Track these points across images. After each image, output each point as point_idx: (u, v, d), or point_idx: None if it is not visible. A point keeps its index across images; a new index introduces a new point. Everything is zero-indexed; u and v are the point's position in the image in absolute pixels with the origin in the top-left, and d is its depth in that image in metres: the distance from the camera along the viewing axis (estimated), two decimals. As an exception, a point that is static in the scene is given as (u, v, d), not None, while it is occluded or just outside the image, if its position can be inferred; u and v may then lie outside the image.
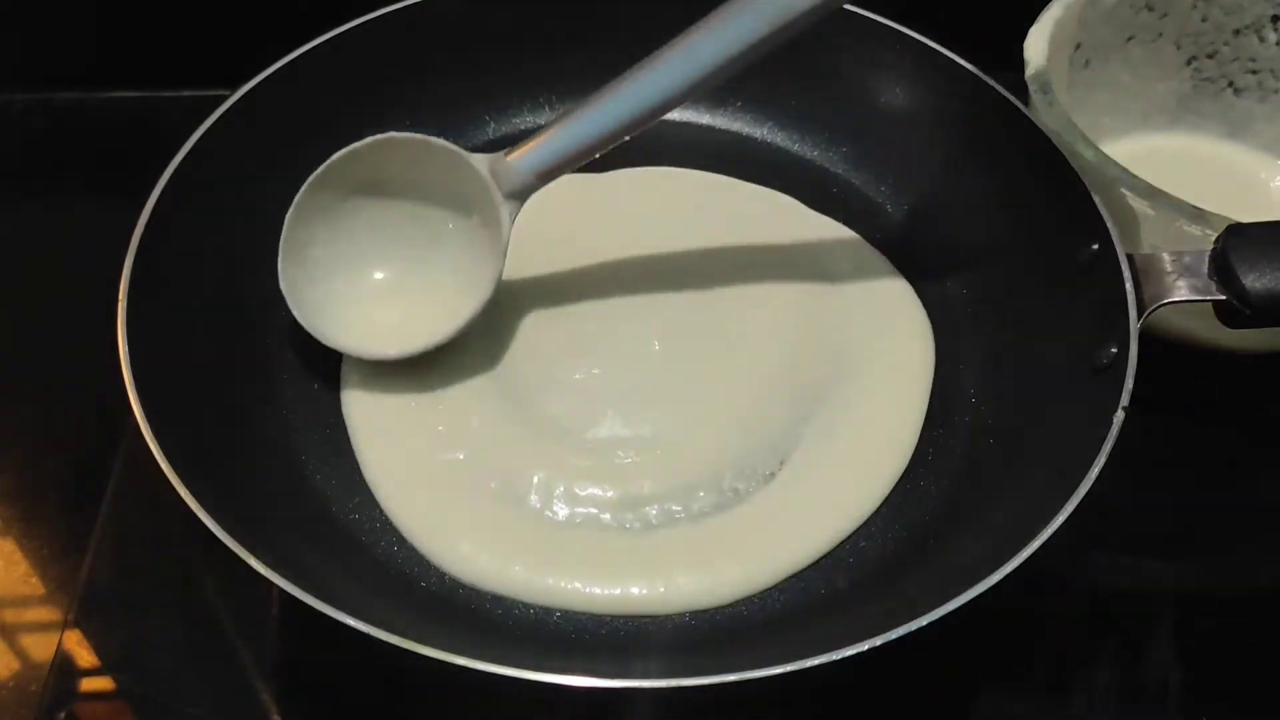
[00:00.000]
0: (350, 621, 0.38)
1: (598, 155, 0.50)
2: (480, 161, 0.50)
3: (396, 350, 0.51)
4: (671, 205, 0.60)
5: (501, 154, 0.50)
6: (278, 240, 0.56)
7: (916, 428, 0.52)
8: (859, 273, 0.57)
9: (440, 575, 0.47)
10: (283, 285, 0.50)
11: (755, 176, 0.62)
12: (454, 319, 0.51)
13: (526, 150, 0.50)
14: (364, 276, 0.53)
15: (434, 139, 0.51)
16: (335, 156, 0.50)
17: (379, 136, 0.51)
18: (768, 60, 0.59)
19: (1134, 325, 0.46)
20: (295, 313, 0.51)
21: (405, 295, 0.53)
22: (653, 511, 0.49)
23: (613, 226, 0.58)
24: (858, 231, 0.59)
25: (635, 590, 0.47)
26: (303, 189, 0.51)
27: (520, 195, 0.50)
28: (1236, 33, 0.63)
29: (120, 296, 0.47)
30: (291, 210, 0.51)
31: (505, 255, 0.51)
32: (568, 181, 0.60)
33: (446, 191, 0.52)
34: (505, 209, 0.50)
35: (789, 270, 0.57)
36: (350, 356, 0.53)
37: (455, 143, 0.60)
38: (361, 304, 0.52)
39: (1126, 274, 0.48)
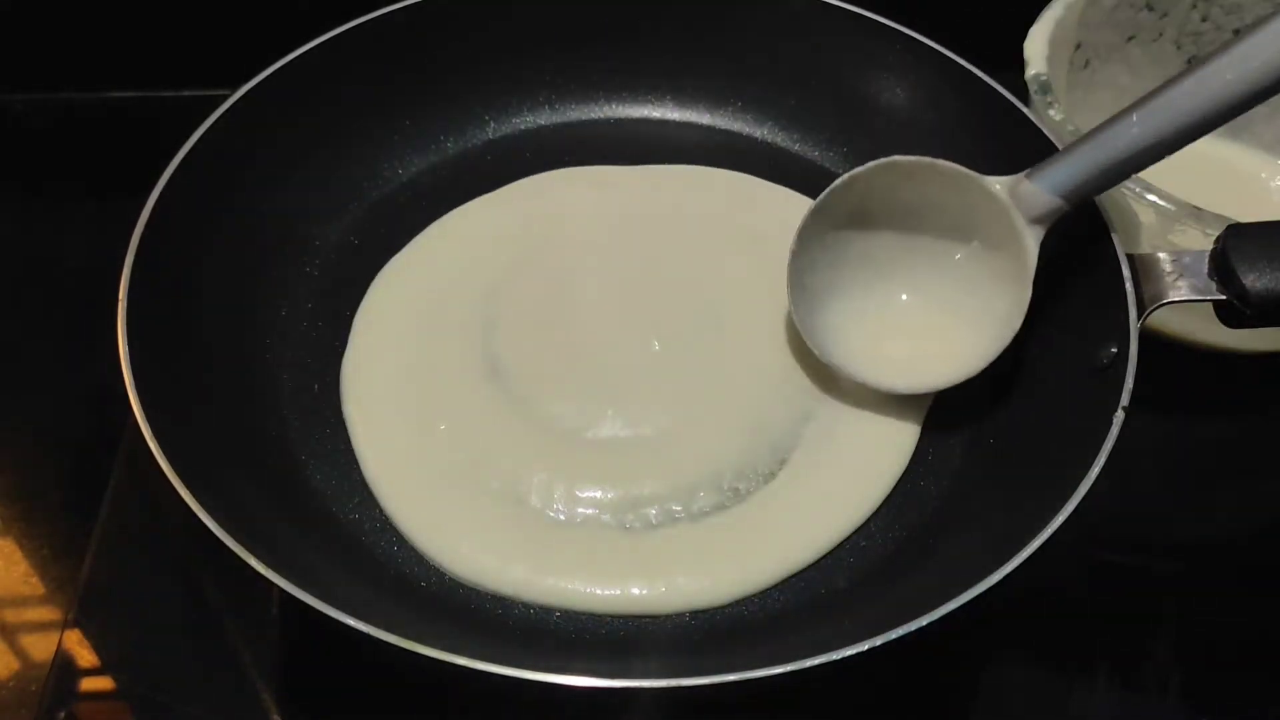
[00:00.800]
0: (350, 621, 0.38)
1: (1130, 175, 0.46)
2: (996, 184, 0.48)
3: (906, 384, 0.50)
4: (672, 204, 0.59)
5: (1021, 175, 0.47)
6: (277, 240, 0.56)
7: (917, 427, 0.52)
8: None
9: (440, 575, 0.47)
10: (792, 309, 0.50)
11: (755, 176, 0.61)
12: (974, 356, 0.49)
13: (1049, 169, 0.46)
14: (867, 304, 0.51)
15: (941, 161, 0.48)
16: (836, 183, 0.49)
17: (882, 161, 0.48)
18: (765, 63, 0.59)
19: (1134, 325, 0.46)
20: (806, 339, 0.50)
21: (914, 326, 0.51)
22: (653, 511, 0.49)
23: (614, 225, 0.58)
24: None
25: (635, 590, 0.47)
26: (805, 215, 0.49)
27: (1044, 220, 0.47)
28: (1237, 33, 0.63)
29: (120, 296, 0.46)
30: (795, 236, 0.49)
31: (1031, 286, 0.47)
32: (568, 179, 0.60)
33: (956, 216, 0.49)
34: (1030, 234, 0.47)
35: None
36: (350, 355, 0.53)
37: (455, 143, 0.61)
38: (867, 333, 0.51)
39: (1126, 274, 0.48)
